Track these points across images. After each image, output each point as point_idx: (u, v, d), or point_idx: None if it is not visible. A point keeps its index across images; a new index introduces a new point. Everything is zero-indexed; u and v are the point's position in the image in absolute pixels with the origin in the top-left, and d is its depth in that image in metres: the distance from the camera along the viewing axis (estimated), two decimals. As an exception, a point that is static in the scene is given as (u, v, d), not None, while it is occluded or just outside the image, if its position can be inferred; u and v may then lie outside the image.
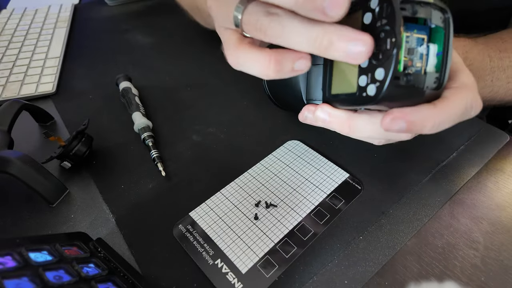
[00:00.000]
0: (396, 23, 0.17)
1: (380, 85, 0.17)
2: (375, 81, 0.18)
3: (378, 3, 0.17)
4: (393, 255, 0.25)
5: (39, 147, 0.36)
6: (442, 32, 0.18)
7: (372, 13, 0.18)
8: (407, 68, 0.18)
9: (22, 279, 0.17)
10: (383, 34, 0.17)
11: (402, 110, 0.18)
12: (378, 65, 0.18)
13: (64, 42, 0.53)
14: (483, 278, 0.24)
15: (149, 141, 0.34)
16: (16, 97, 0.42)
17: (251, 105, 0.39)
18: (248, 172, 0.31)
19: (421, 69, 0.18)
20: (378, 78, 0.18)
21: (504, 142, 0.33)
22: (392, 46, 0.17)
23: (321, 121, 0.23)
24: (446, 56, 0.18)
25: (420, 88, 0.18)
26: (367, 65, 0.18)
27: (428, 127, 0.18)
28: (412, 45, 0.18)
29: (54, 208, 0.29)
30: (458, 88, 0.19)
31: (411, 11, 0.17)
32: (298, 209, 0.28)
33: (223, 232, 0.27)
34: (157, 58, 0.49)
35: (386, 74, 0.17)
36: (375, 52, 0.18)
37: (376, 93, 0.18)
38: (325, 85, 0.23)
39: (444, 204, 0.28)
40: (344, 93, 0.21)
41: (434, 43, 0.18)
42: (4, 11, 0.63)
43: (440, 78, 0.18)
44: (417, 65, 0.18)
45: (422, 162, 0.31)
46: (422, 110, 0.18)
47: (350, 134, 0.22)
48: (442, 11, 0.18)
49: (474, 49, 0.34)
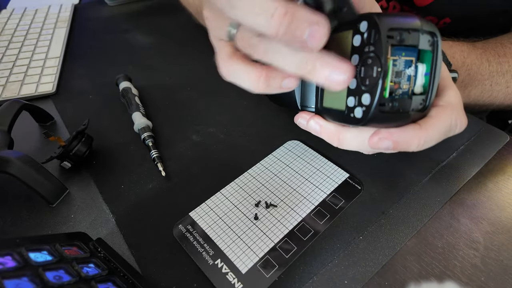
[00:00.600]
0: (383, 52, 0.17)
1: (366, 110, 0.18)
2: (362, 105, 0.18)
3: (367, 28, 0.17)
4: (393, 255, 0.25)
5: (39, 147, 0.36)
6: (430, 54, 0.18)
7: (361, 36, 0.18)
8: (393, 93, 0.18)
9: (22, 279, 0.17)
10: (370, 61, 0.17)
11: (388, 131, 0.19)
12: (365, 91, 0.18)
13: (64, 42, 0.53)
14: (483, 278, 0.24)
15: (149, 141, 0.34)
16: (16, 97, 0.42)
17: (251, 105, 0.39)
18: (248, 172, 0.31)
19: (408, 91, 0.18)
20: (365, 103, 0.18)
21: (504, 142, 0.33)
22: (378, 74, 0.17)
23: (312, 131, 0.24)
24: (433, 79, 0.18)
25: (405, 112, 0.18)
26: (355, 88, 0.19)
27: (414, 146, 0.19)
28: (400, 68, 0.18)
29: (54, 208, 0.29)
30: (443, 107, 0.20)
31: (398, 39, 0.17)
32: (298, 209, 0.28)
33: (223, 232, 0.27)
34: (157, 58, 0.49)
35: (372, 101, 0.17)
36: (362, 76, 0.18)
37: (363, 117, 0.18)
38: (318, 96, 0.23)
39: (444, 204, 0.28)
40: (334, 109, 0.21)
41: (423, 63, 0.18)
42: (4, 11, 0.63)
43: (426, 100, 0.19)
44: (404, 87, 0.18)
45: (422, 162, 0.31)
46: (407, 130, 0.19)
47: (339, 146, 0.23)
48: (431, 34, 0.18)
49: (472, 54, 0.34)
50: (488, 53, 0.35)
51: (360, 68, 0.18)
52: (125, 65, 0.48)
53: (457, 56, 0.33)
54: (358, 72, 0.18)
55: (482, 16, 0.41)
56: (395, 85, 0.18)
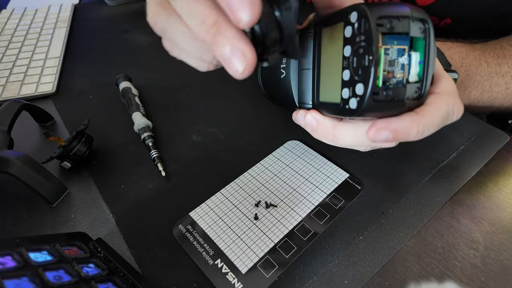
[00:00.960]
0: (373, 41, 0.17)
1: (361, 100, 0.18)
2: (356, 96, 0.18)
3: (357, 18, 0.18)
4: (393, 255, 0.25)
5: (39, 147, 0.36)
6: (422, 42, 0.18)
7: (352, 27, 0.18)
8: (387, 82, 0.18)
9: (22, 279, 0.17)
10: (362, 50, 0.18)
11: (385, 120, 0.19)
12: (358, 81, 0.18)
13: (64, 42, 0.53)
14: (483, 278, 0.24)
15: (149, 141, 0.34)
16: (16, 97, 0.42)
17: (251, 105, 0.39)
18: (248, 172, 0.31)
19: (402, 80, 0.18)
20: (358, 93, 0.18)
21: (504, 142, 0.33)
22: (370, 63, 0.17)
23: (309, 126, 0.24)
24: (427, 67, 0.18)
25: (400, 100, 0.18)
26: (349, 79, 0.19)
27: (413, 133, 0.19)
28: (393, 56, 0.18)
29: (54, 208, 0.29)
30: (439, 94, 0.20)
31: (389, 27, 0.17)
32: (298, 209, 0.28)
33: (223, 232, 0.27)
34: (157, 58, 0.49)
35: (365, 90, 0.17)
36: (355, 67, 0.18)
37: (357, 107, 0.18)
38: (314, 91, 0.23)
39: (444, 204, 0.28)
40: (330, 102, 0.21)
41: (416, 51, 0.18)
42: (4, 11, 0.63)
43: (421, 88, 0.19)
44: (398, 76, 0.18)
45: (422, 162, 0.31)
46: (405, 118, 0.19)
47: (334, 142, 0.23)
48: (422, 21, 0.18)
49: (470, 55, 0.34)
50: (487, 54, 0.35)
51: (352, 59, 0.18)
52: (125, 65, 0.48)
53: (455, 57, 0.33)
54: (351, 63, 0.18)
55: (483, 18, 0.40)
56: (388, 74, 0.18)
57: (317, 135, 0.24)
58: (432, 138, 0.33)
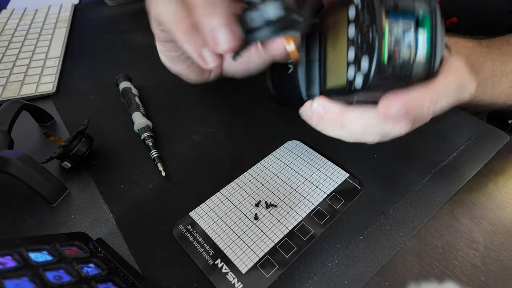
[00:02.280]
0: (377, 17, 0.17)
1: (366, 77, 0.18)
2: (361, 73, 0.18)
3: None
4: (393, 255, 0.25)
5: (39, 147, 0.36)
6: (429, 20, 0.18)
7: (356, 8, 0.18)
8: (392, 58, 0.17)
9: (22, 279, 0.17)
10: (366, 28, 0.17)
11: (395, 94, 0.18)
12: (363, 57, 0.18)
13: (64, 42, 0.53)
14: (483, 278, 0.24)
15: (149, 141, 0.34)
16: (16, 97, 0.42)
17: (251, 105, 0.39)
18: (248, 172, 0.31)
19: (409, 57, 0.17)
20: (364, 70, 0.18)
21: (504, 142, 0.33)
22: (373, 39, 0.17)
23: (316, 115, 0.23)
24: (434, 44, 0.18)
25: (407, 77, 0.18)
26: (354, 57, 0.19)
27: (426, 105, 0.18)
28: (398, 34, 0.17)
29: (54, 208, 0.29)
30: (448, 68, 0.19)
31: (392, 4, 0.17)
32: (298, 209, 0.28)
33: (223, 232, 0.27)
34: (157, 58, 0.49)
35: (370, 65, 0.17)
36: (359, 45, 0.18)
37: (363, 85, 0.18)
38: (321, 80, 0.23)
39: (444, 204, 0.28)
40: (336, 87, 0.21)
41: (424, 28, 0.18)
42: (4, 11, 0.63)
43: (429, 65, 0.18)
44: (404, 53, 0.17)
45: (422, 162, 0.31)
46: (415, 88, 0.18)
47: (342, 130, 0.22)
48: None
49: (476, 51, 0.34)
50: (492, 51, 0.35)
51: (357, 38, 0.18)
52: (125, 65, 0.48)
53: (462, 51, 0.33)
54: (356, 41, 0.18)
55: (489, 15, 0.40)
56: (395, 51, 0.17)
57: (324, 125, 0.23)
58: (432, 138, 0.33)
